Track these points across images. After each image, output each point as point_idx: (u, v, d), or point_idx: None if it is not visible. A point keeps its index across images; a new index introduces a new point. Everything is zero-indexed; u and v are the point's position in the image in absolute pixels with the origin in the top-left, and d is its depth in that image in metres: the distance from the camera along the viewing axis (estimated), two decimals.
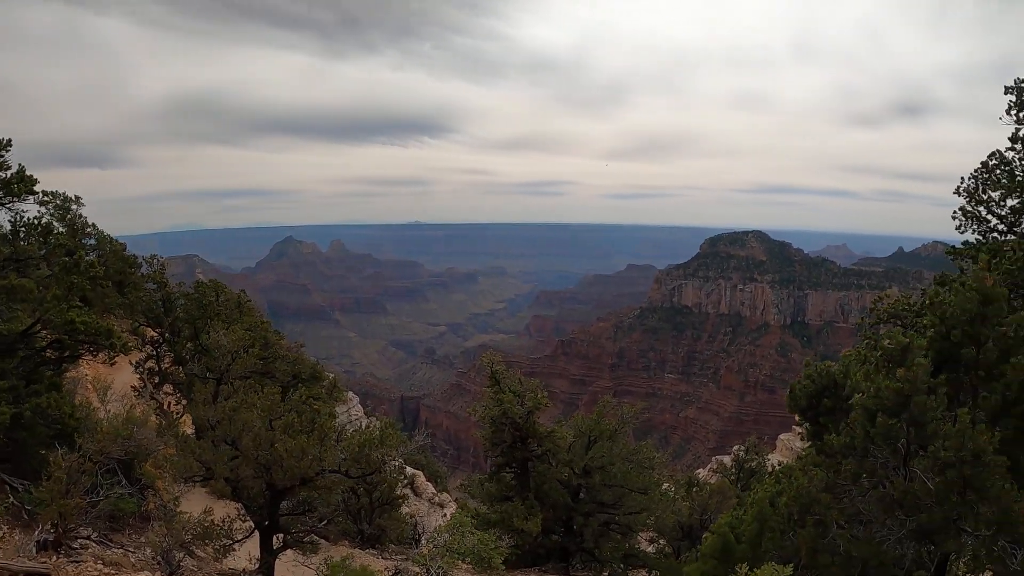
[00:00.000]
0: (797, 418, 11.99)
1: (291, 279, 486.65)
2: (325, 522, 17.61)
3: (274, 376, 28.22)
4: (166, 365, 30.66)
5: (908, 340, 9.18)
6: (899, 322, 23.55)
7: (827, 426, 10.90)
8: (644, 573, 27.15)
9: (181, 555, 14.58)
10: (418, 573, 17.38)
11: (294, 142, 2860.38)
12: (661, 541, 30.12)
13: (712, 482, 35.43)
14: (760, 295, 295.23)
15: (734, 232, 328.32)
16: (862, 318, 25.52)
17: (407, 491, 35.39)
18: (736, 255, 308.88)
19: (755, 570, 8.96)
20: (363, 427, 18.91)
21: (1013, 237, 23.98)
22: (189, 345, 30.12)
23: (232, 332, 26.44)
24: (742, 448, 40.62)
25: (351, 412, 46.82)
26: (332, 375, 37.21)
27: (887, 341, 9.63)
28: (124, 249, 32.64)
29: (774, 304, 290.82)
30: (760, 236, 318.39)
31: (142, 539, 15.66)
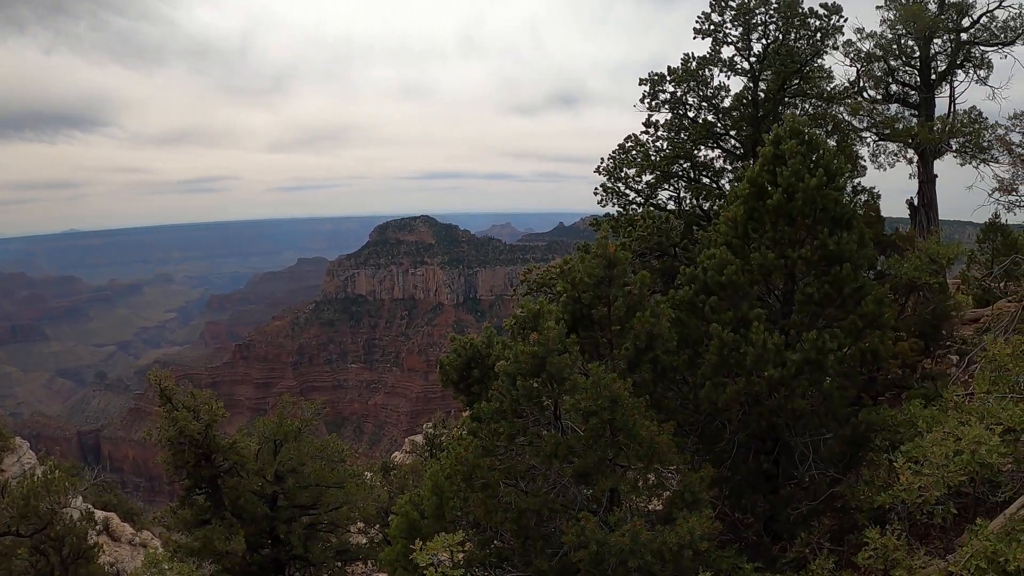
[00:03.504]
0: (452, 392, 12.77)
1: None
2: None
3: None
4: None
5: (539, 307, 10.26)
6: (548, 290, 25.89)
7: (479, 395, 11.82)
8: (361, 565, 27.29)
9: None
10: None
11: None
12: (371, 531, 30.38)
13: (408, 463, 36.30)
14: (432, 277, 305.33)
15: (403, 218, 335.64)
16: (514, 289, 27.65)
17: (102, 538, 32.28)
18: (406, 240, 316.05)
19: (428, 543, 9.50)
20: (35, 476, 16.90)
21: (650, 208, 27.54)
22: None
23: None
24: (431, 425, 41.90)
25: (23, 461, 41.42)
26: None
27: (519, 310, 10.63)
28: None
29: (446, 284, 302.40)
30: (428, 220, 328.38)
31: None
